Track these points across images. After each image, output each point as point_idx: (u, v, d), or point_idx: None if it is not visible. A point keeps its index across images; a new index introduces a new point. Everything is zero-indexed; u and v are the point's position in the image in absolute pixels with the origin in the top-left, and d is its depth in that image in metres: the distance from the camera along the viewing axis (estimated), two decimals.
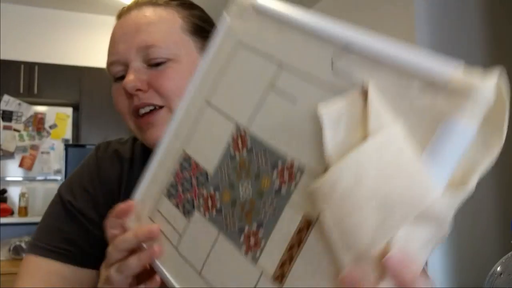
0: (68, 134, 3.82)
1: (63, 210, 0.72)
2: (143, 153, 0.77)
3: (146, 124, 0.66)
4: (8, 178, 3.63)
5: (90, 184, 0.74)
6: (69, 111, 3.88)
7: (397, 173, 0.29)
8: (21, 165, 3.67)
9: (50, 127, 3.79)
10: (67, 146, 3.64)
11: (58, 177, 3.71)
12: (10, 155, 3.67)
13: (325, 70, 0.35)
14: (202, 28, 0.71)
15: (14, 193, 3.62)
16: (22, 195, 3.51)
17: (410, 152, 0.29)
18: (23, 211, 3.46)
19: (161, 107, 0.66)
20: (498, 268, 0.59)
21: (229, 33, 0.45)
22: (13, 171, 3.66)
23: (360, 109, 0.32)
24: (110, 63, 0.68)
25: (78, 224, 0.71)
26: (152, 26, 0.66)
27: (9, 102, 3.69)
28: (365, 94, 0.32)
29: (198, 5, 0.74)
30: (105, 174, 0.75)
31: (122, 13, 0.70)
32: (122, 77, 0.67)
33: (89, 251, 0.71)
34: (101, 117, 3.78)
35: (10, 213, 3.45)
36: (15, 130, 3.70)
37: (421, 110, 0.29)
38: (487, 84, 0.27)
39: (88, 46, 4.01)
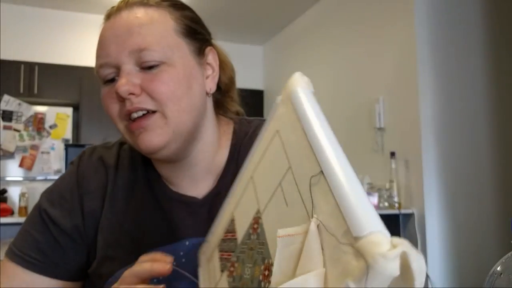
0: (68, 134, 3.83)
1: (39, 219, 0.72)
2: (130, 158, 0.76)
3: (138, 129, 0.64)
4: (8, 178, 3.64)
5: (69, 193, 0.73)
6: (69, 111, 3.89)
7: None
8: (21, 165, 3.68)
9: (50, 127, 3.80)
10: (67, 146, 3.65)
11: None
12: (10, 155, 3.67)
13: (307, 187, 0.36)
14: (194, 30, 0.69)
15: (14, 193, 3.63)
16: (22, 195, 3.51)
17: None
18: (23, 211, 3.46)
19: (154, 111, 0.64)
20: (498, 268, 0.58)
21: (274, 118, 0.47)
22: (13, 171, 3.66)
23: (301, 245, 0.34)
24: (100, 66, 0.65)
25: (50, 235, 0.71)
26: (144, 28, 0.64)
27: (9, 102, 3.69)
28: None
29: (188, 5, 0.73)
30: (87, 183, 0.73)
31: (111, 13, 0.67)
32: (112, 80, 0.65)
33: (59, 263, 0.71)
34: (101, 117, 3.78)
35: (10, 213, 3.45)
36: (15, 130, 3.71)
37: (339, 261, 0.29)
38: (389, 256, 0.26)
39: (88, 46, 4.01)
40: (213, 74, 0.72)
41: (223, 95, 0.79)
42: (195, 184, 0.73)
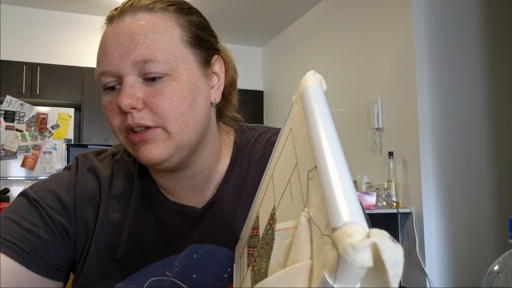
0: (70, 134, 3.85)
1: (26, 207, 0.66)
2: (126, 168, 0.74)
3: (140, 141, 0.62)
4: (10, 178, 3.66)
5: (64, 192, 0.69)
6: (71, 111, 3.90)
7: None
8: (23, 165, 3.70)
9: (52, 127, 3.81)
10: (69, 146, 3.66)
11: None
12: (12, 155, 3.69)
13: (306, 182, 0.37)
14: (201, 38, 0.66)
15: (16, 192, 3.64)
16: None
17: None
18: None
19: (155, 127, 0.61)
20: (496, 267, 0.59)
21: (289, 117, 0.47)
22: (16, 171, 3.68)
23: (293, 238, 0.34)
24: (101, 73, 0.62)
25: (38, 222, 0.65)
26: (149, 37, 0.60)
27: (12, 103, 3.71)
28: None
29: (195, 8, 0.69)
30: (82, 188, 0.71)
31: (114, 17, 0.63)
32: (113, 88, 0.63)
33: (42, 255, 0.64)
34: (102, 117, 3.77)
35: None
36: (17, 130, 3.72)
37: (321, 252, 0.29)
38: (358, 246, 0.25)
39: (90, 47, 4.03)
40: (219, 84, 0.69)
41: (223, 99, 0.74)
42: (195, 194, 0.71)
